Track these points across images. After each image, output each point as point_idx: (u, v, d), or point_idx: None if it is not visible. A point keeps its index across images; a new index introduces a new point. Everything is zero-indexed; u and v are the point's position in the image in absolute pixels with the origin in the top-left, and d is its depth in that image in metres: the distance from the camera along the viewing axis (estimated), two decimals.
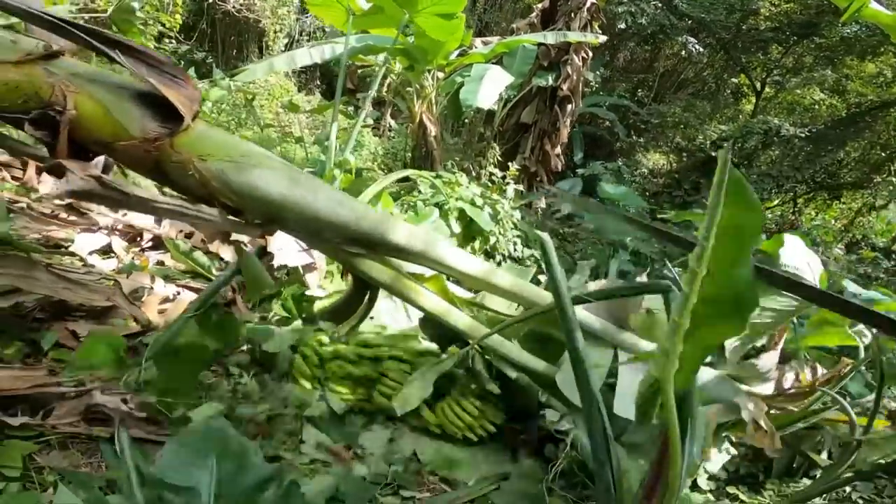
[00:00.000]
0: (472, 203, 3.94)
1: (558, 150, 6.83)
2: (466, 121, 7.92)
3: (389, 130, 10.55)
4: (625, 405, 1.79)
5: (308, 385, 2.10)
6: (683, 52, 11.51)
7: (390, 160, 11.67)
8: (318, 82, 13.60)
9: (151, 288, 2.39)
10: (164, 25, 8.96)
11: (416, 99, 6.17)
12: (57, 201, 2.92)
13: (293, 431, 1.98)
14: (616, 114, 11.69)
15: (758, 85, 12.82)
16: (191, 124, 1.44)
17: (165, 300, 2.44)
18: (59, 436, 1.57)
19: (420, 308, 1.86)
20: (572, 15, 7.07)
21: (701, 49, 11.57)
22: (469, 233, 3.87)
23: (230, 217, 1.53)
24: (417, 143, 6.24)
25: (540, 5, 7.48)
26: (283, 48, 12.51)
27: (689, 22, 11.69)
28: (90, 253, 2.70)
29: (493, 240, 3.88)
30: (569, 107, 6.78)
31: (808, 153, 10.43)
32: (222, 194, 1.43)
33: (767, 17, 12.09)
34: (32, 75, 1.38)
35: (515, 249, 3.98)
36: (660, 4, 11.28)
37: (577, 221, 7.45)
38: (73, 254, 2.47)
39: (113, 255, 2.82)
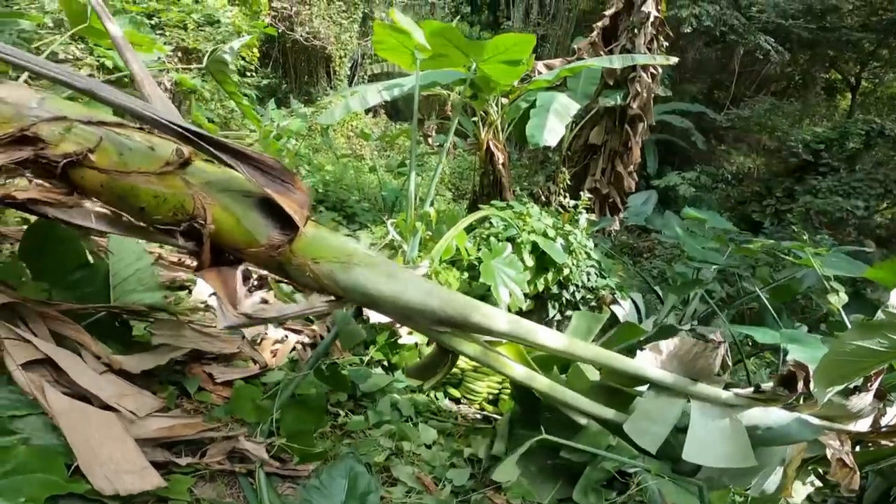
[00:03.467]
0: (545, 235, 4.05)
1: (631, 169, 6.75)
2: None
3: (454, 147, 10.85)
4: (695, 451, 1.90)
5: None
6: (758, 53, 10.88)
7: (457, 179, 12.00)
8: (383, 103, 14.36)
9: (266, 332, 2.76)
10: (244, 59, 9.80)
11: (482, 126, 6.37)
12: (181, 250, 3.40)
13: (388, 467, 2.23)
14: (690, 119, 11.26)
15: (852, 80, 11.81)
16: (303, 230, 1.69)
17: (277, 342, 2.80)
18: (210, 472, 1.86)
19: (509, 377, 2.07)
20: (636, 31, 6.97)
21: (779, 48, 10.88)
22: (542, 264, 3.99)
23: (337, 304, 1.79)
24: (485, 169, 6.43)
25: (600, 24, 7.45)
26: (348, 71, 13.44)
27: (764, 20, 11.06)
28: (210, 295, 3.14)
29: (566, 271, 3.97)
30: (640, 125, 6.68)
31: None
32: (332, 290, 1.69)
33: (850, 12, 11.16)
34: (175, 187, 1.59)
35: (589, 280, 4.03)
36: (725, 5, 10.77)
37: (653, 236, 7.29)
38: (207, 307, 2.87)
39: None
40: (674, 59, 5.85)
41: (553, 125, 4.78)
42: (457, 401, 2.97)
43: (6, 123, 1.49)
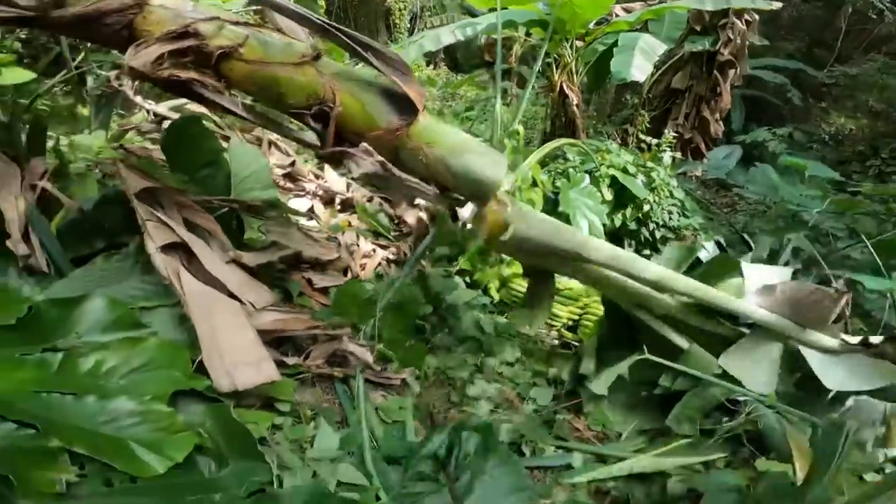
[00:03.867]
0: (625, 170, 3.92)
1: (718, 116, 6.32)
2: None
3: (517, 97, 10.58)
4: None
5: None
6: (871, 13, 9.66)
7: (523, 128, 11.72)
8: (443, 55, 14.25)
9: (357, 244, 2.89)
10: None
11: (556, 69, 6.16)
12: (277, 171, 3.57)
13: (469, 380, 2.30)
14: (785, 75, 10.29)
15: None
16: (420, 116, 1.76)
17: (365, 256, 2.93)
18: (311, 376, 1.94)
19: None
20: None
21: (894, 7, 9.61)
22: (620, 200, 3.88)
23: (443, 193, 1.84)
24: (557, 112, 6.25)
25: None
26: (408, 24, 13.34)
27: None
28: (301, 215, 3.29)
29: (646, 207, 3.84)
30: (731, 72, 6.18)
31: None
32: (442, 175, 1.75)
33: None
34: (309, 75, 1.75)
35: (671, 219, 3.88)
36: None
37: (734, 192, 6.89)
38: (296, 211, 3.03)
39: (315, 216, 3.38)
40: (777, 4, 5.34)
41: (640, 62, 4.53)
42: None
43: (166, 24, 1.70)
